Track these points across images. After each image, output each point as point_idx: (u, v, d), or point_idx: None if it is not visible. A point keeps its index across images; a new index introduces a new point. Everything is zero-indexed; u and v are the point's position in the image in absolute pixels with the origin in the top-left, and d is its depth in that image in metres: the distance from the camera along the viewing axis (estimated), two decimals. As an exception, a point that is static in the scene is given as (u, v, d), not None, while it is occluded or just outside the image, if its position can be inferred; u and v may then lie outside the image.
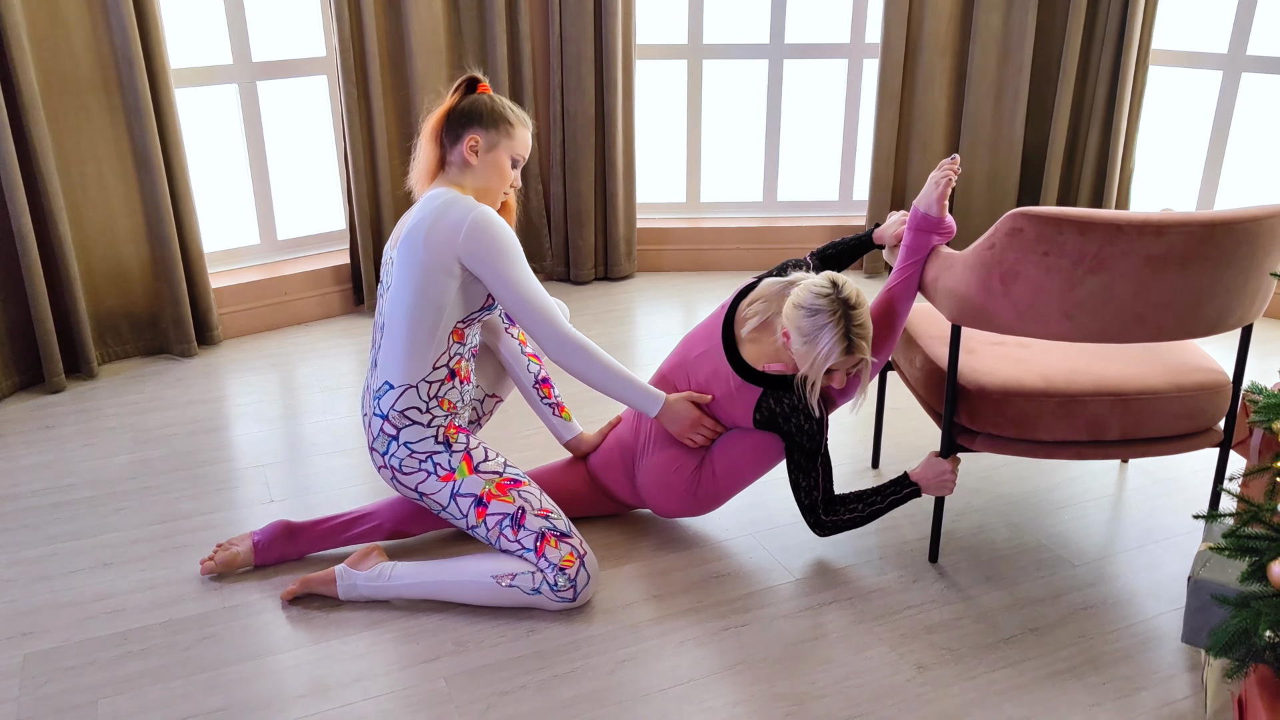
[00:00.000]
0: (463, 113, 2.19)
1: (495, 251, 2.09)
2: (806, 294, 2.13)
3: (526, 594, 2.12)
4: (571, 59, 3.83)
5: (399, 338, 2.15)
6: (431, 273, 2.10)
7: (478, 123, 2.18)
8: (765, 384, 2.21)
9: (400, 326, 2.14)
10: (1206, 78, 3.93)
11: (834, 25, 4.23)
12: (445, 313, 2.14)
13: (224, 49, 3.49)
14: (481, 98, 2.21)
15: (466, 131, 2.18)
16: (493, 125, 2.18)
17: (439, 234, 2.09)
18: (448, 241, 2.09)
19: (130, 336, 3.41)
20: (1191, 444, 2.24)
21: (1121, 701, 1.91)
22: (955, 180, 2.24)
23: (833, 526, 2.26)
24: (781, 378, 2.21)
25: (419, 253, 2.10)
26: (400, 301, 2.13)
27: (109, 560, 2.34)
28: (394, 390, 2.16)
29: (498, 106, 2.19)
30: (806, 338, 2.12)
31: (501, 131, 2.19)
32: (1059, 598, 2.22)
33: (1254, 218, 1.95)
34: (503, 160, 2.20)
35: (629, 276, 4.21)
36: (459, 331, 2.18)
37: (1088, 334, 2.07)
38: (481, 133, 2.18)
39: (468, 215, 2.09)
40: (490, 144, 2.18)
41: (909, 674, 1.98)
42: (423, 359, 2.15)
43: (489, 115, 2.18)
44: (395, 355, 2.15)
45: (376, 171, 3.66)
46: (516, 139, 2.21)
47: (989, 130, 4.02)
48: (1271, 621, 1.45)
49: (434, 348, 2.15)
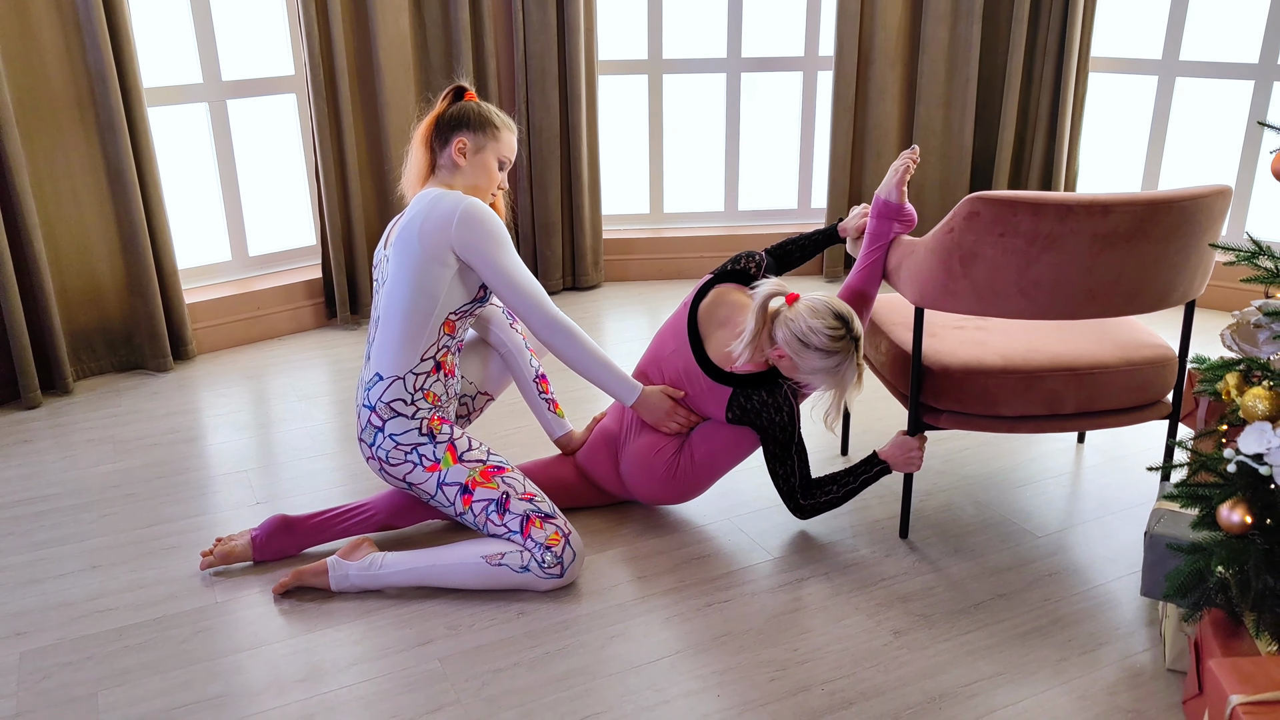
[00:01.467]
0: (451, 118, 2.30)
1: (486, 238, 2.20)
2: (818, 337, 2.15)
3: (515, 572, 2.19)
4: (536, 75, 3.93)
5: (394, 328, 2.24)
6: (427, 264, 2.20)
7: (465, 126, 2.29)
8: (735, 384, 2.30)
9: (396, 318, 2.23)
10: (1143, 83, 4.12)
11: (788, 39, 4.37)
12: (440, 302, 2.23)
13: (194, 68, 3.55)
14: (469, 104, 2.32)
15: (455, 135, 2.29)
16: (480, 128, 2.29)
17: (432, 225, 2.19)
18: (440, 232, 2.19)
19: (105, 352, 3.43)
20: (1142, 415, 2.37)
21: (1086, 656, 2.01)
22: (914, 169, 2.36)
23: (811, 509, 2.35)
24: (752, 375, 2.30)
25: (414, 245, 2.21)
26: (397, 293, 2.23)
27: (97, 563, 2.37)
28: (383, 381, 2.24)
29: (484, 111, 2.31)
30: (818, 373, 2.20)
31: (488, 134, 2.30)
32: (1024, 566, 2.32)
33: (1192, 196, 2.09)
34: (490, 162, 2.31)
35: (596, 286, 4.30)
36: (450, 324, 2.27)
37: (1043, 311, 2.19)
38: (469, 135, 2.29)
39: (458, 206, 2.20)
40: (477, 146, 2.29)
41: (886, 639, 2.07)
42: (413, 350, 2.24)
43: (476, 119, 2.29)
44: (388, 346, 2.24)
45: (347, 186, 3.72)
46: (503, 142, 2.32)
47: (939, 139, 4.18)
48: (1222, 559, 1.56)
49: (425, 338, 2.24)
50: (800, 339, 2.19)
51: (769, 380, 2.29)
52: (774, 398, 2.28)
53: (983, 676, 1.96)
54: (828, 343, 2.17)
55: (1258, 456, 1.57)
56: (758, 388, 2.29)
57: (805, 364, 2.20)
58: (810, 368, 2.20)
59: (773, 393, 2.28)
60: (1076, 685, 1.93)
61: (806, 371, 2.22)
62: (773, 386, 2.29)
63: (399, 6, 3.64)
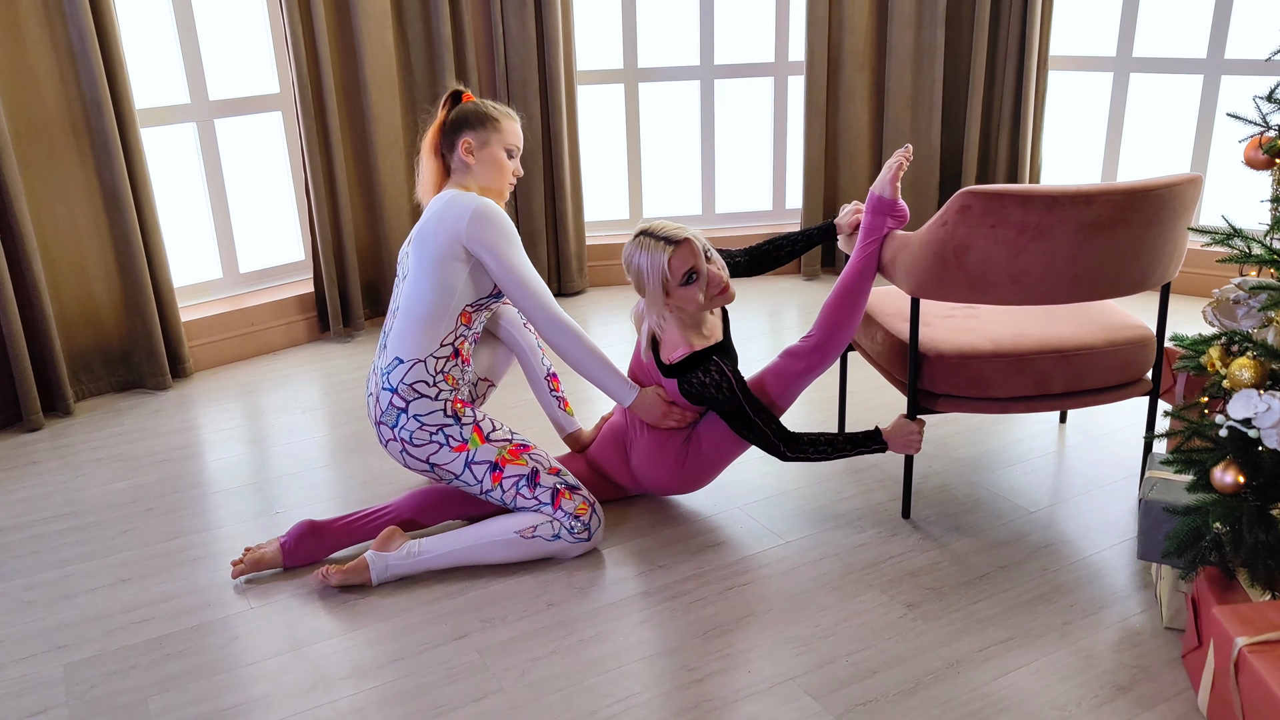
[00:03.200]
0: (453, 122, 2.41)
1: (496, 235, 2.31)
2: (631, 261, 2.37)
3: (548, 541, 2.35)
4: (517, 87, 4.02)
5: (413, 317, 2.35)
6: (443, 260, 2.32)
7: (467, 126, 2.40)
8: (675, 372, 2.41)
9: (416, 308, 2.35)
10: (1099, 79, 4.30)
11: (759, 46, 4.51)
12: (456, 295, 2.35)
13: (181, 89, 3.59)
14: (466, 104, 2.43)
15: (459, 137, 2.40)
16: (480, 124, 2.40)
17: (447, 224, 2.32)
18: (454, 229, 2.31)
19: (103, 373, 3.45)
20: (1125, 393, 2.51)
21: (1088, 619, 2.15)
22: (907, 165, 2.49)
23: (798, 459, 2.43)
24: (684, 361, 2.40)
25: (430, 242, 2.33)
26: (417, 286, 2.35)
27: (127, 576, 2.41)
28: (403, 364, 2.33)
29: (481, 107, 2.42)
30: (641, 278, 2.36)
31: (489, 128, 2.40)
32: (1021, 539, 2.45)
33: (1168, 185, 2.24)
34: (497, 154, 2.41)
35: (582, 291, 4.39)
36: (467, 315, 2.38)
37: (1033, 296, 2.32)
38: (472, 134, 2.40)
39: (471, 205, 2.32)
40: (482, 141, 2.40)
41: (900, 611, 2.19)
42: (433, 336, 2.34)
43: (475, 116, 2.40)
44: (407, 332, 2.35)
45: (337, 202, 3.78)
46: (505, 131, 2.42)
47: (908, 139, 4.33)
48: (1218, 515, 1.69)
49: (444, 326, 2.35)
50: (632, 282, 2.40)
51: (700, 361, 2.39)
52: (709, 375, 2.37)
53: (994, 642, 2.08)
54: (627, 259, 2.38)
55: (1246, 421, 1.71)
56: (693, 370, 2.39)
57: (639, 290, 2.38)
58: (638, 286, 2.38)
59: (707, 371, 2.37)
60: (1082, 646, 2.06)
61: (647, 294, 2.37)
62: (705, 365, 2.38)
63: (383, 24, 3.71)
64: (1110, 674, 1.98)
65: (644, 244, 2.35)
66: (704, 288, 2.36)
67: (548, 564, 2.40)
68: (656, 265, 2.33)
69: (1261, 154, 1.83)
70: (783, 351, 2.50)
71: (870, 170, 4.42)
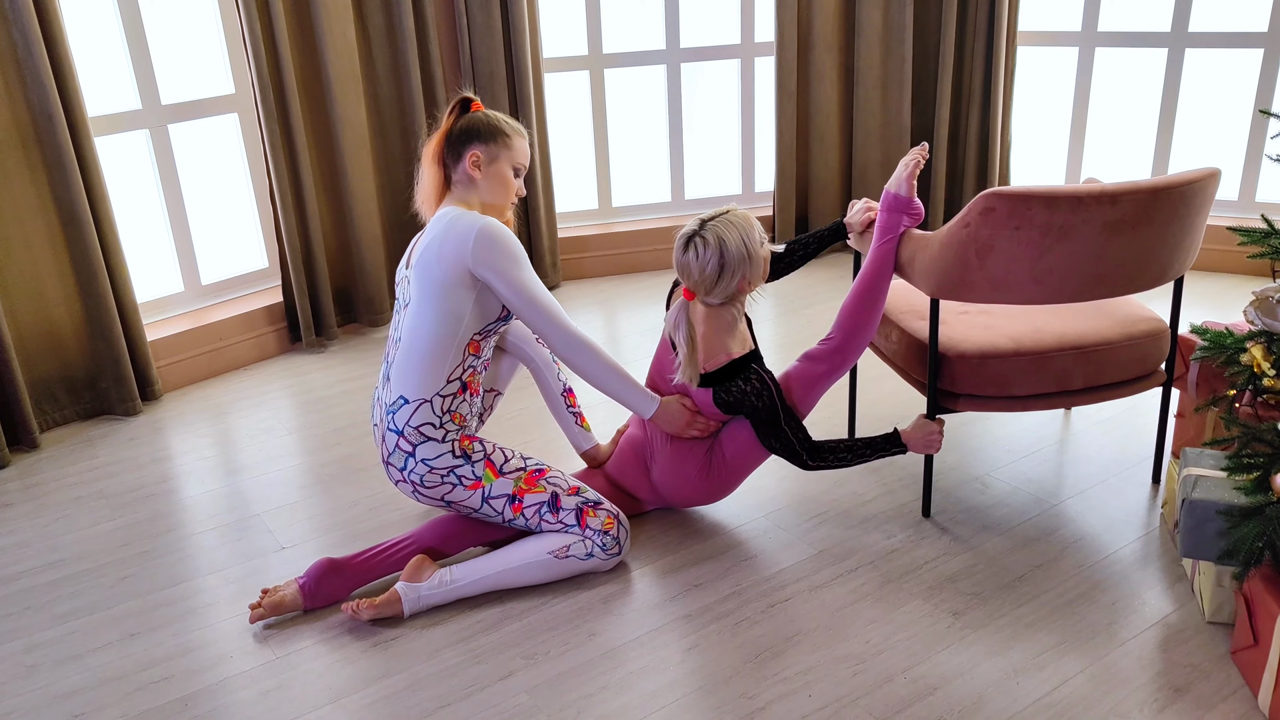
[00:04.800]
0: (461, 131, 2.28)
1: (504, 258, 2.20)
2: (690, 258, 2.31)
3: (582, 560, 2.31)
4: (484, 79, 3.88)
5: (417, 350, 2.23)
6: (449, 287, 2.20)
7: (477, 139, 2.27)
8: (712, 382, 2.37)
9: (421, 341, 2.23)
10: (1065, 54, 4.33)
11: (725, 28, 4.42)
12: (464, 324, 2.24)
13: (130, 95, 3.37)
14: (477, 115, 2.29)
15: (467, 149, 2.27)
16: (491, 139, 2.28)
17: (451, 248, 2.19)
18: (459, 254, 2.19)
19: (68, 401, 3.26)
20: (1142, 385, 2.53)
21: (1132, 616, 2.16)
22: (923, 164, 2.45)
23: (819, 468, 2.42)
24: (722, 370, 2.36)
25: (434, 268, 2.21)
26: (420, 316, 2.23)
27: (135, 630, 2.28)
28: (409, 405, 2.23)
29: (493, 120, 2.29)
30: (731, 262, 2.30)
31: (500, 144, 2.28)
32: (1049, 535, 2.46)
33: (1190, 181, 2.24)
34: (505, 172, 2.30)
35: (556, 286, 4.29)
36: (475, 344, 2.27)
37: (1055, 296, 2.31)
38: (482, 147, 2.27)
39: (474, 227, 2.20)
40: (491, 157, 2.28)
41: (948, 621, 2.18)
42: (439, 372, 2.23)
43: (486, 130, 2.27)
44: (412, 368, 2.23)
45: (304, 206, 3.61)
46: (515, 149, 2.31)
47: (879, 119, 4.31)
48: (1289, 524, 1.70)
49: (451, 359, 2.24)
50: (706, 285, 2.32)
51: (740, 368, 2.36)
52: (749, 384, 2.35)
53: (1046, 648, 2.09)
54: (680, 254, 2.33)
55: (1308, 427, 1.72)
56: (732, 378, 2.35)
57: (726, 277, 2.31)
58: (730, 276, 2.31)
59: (747, 379, 2.34)
60: (1131, 647, 2.08)
61: (734, 276, 2.31)
62: (745, 373, 2.35)
63: (344, 19, 3.53)
64: (1165, 675, 1.99)
65: (719, 225, 2.30)
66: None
67: (580, 588, 2.34)
68: (758, 248, 2.31)
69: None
70: (802, 355, 2.46)
71: (841, 152, 4.39)
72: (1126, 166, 4.64)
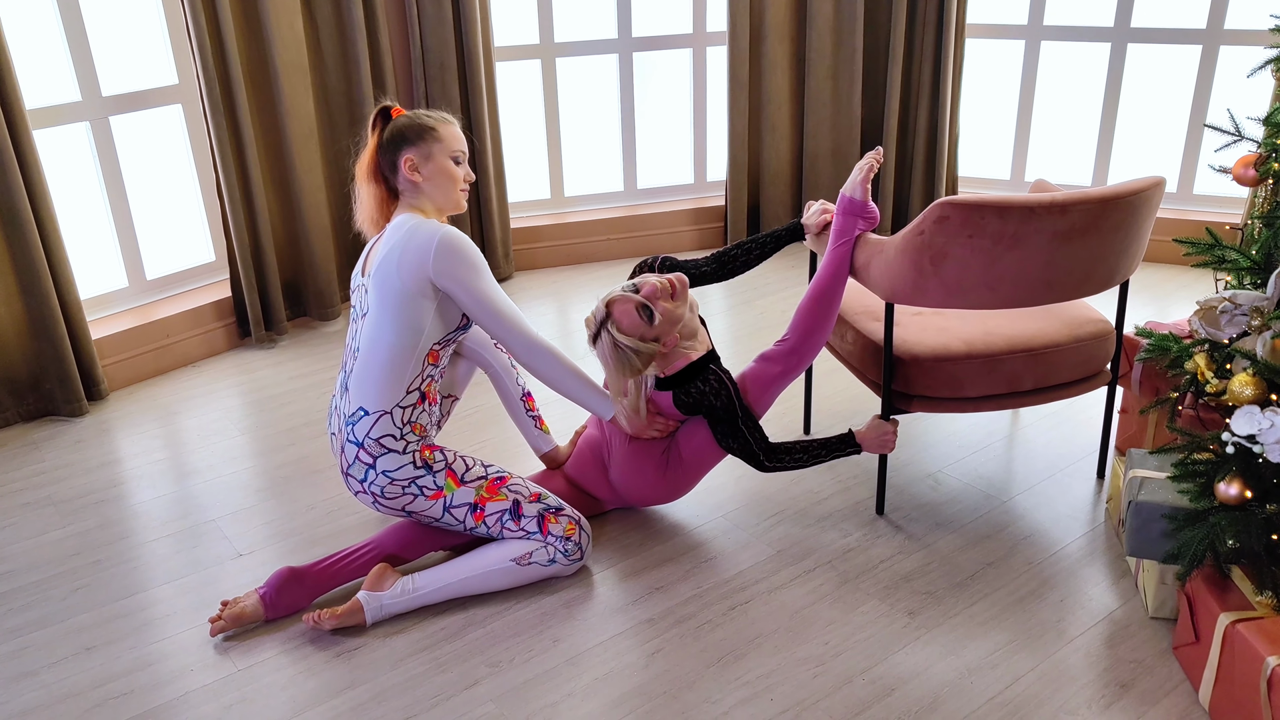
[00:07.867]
0: (389, 141, 2.28)
1: (465, 268, 2.20)
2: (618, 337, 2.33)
3: (544, 566, 2.33)
4: (434, 69, 3.83)
5: (376, 361, 2.22)
6: (409, 297, 2.19)
7: (405, 143, 2.26)
8: (671, 385, 2.40)
9: (380, 351, 2.22)
10: (1012, 47, 4.39)
11: (677, 17, 4.41)
12: (424, 334, 2.23)
13: (70, 86, 3.28)
14: (399, 120, 2.29)
15: (400, 156, 2.26)
16: (419, 138, 2.26)
17: (411, 258, 2.18)
18: (419, 264, 2.18)
19: (10, 403, 3.18)
20: (1089, 385, 2.60)
21: (1079, 613, 2.24)
22: (878, 168, 2.48)
23: (775, 469, 2.46)
24: (681, 372, 2.39)
25: (393, 279, 2.19)
26: (379, 326, 2.21)
27: (90, 644, 2.25)
28: (369, 416, 2.22)
29: (416, 120, 2.28)
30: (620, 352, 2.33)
31: (429, 140, 2.27)
32: (1000, 532, 2.53)
33: (1137, 190, 2.29)
34: (444, 165, 2.28)
35: (509, 278, 4.27)
36: (434, 353, 2.27)
37: (1007, 301, 2.36)
38: (413, 150, 2.26)
39: (435, 236, 2.19)
40: (425, 156, 2.26)
41: (904, 620, 2.24)
42: (399, 383, 2.23)
43: (412, 131, 2.26)
44: (371, 379, 2.22)
45: (252, 200, 3.55)
46: (447, 138, 2.29)
47: (829, 110, 4.34)
48: (1232, 533, 1.77)
49: (410, 370, 2.23)
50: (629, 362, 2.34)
51: (699, 370, 2.39)
52: (708, 384, 2.38)
53: (998, 646, 2.15)
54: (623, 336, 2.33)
55: (1250, 437, 1.79)
56: (691, 380, 2.38)
57: (637, 362, 2.33)
58: (638, 360, 2.33)
59: (706, 380, 2.38)
60: (1079, 643, 2.15)
61: (642, 358, 2.33)
62: (704, 375, 2.38)
63: (291, 9, 3.46)
64: (1111, 671, 2.07)
65: (604, 339, 2.34)
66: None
67: (543, 593, 2.35)
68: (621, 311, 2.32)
69: (1253, 171, 1.89)
70: (758, 356, 2.48)
71: (792, 142, 4.41)
72: (1070, 158, 4.73)
